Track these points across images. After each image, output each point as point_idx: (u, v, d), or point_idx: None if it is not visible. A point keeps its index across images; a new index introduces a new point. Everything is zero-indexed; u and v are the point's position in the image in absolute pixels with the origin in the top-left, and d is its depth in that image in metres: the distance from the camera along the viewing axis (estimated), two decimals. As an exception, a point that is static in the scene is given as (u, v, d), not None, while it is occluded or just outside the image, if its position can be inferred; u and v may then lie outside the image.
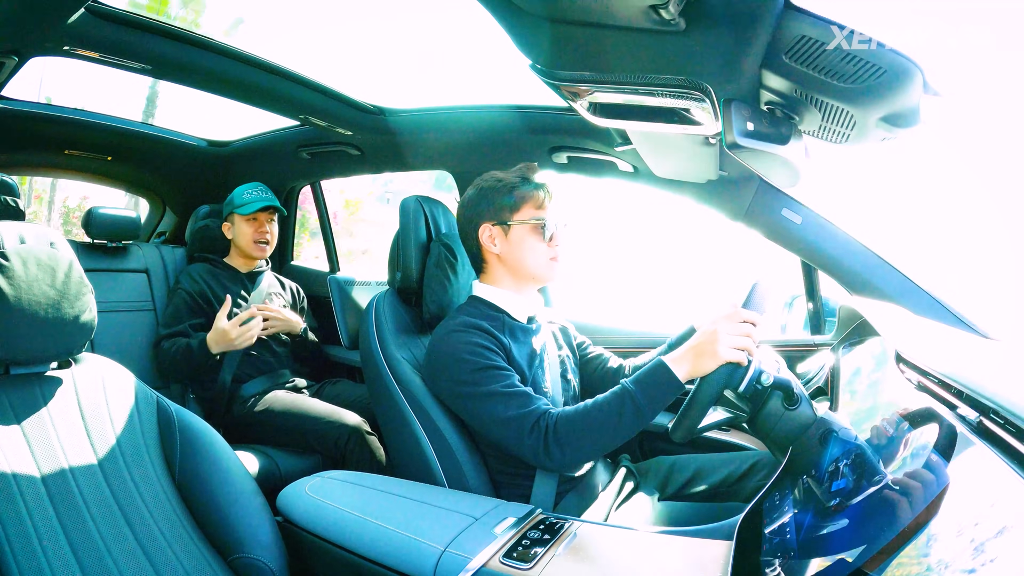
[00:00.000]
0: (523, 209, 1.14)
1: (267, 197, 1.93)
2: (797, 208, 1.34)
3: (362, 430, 1.60)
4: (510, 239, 1.15)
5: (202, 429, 1.06)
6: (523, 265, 1.15)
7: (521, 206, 1.14)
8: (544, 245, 1.15)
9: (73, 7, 1.13)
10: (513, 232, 1.14)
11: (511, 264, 1.16)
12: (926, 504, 0.51)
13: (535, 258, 1.15)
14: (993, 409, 0.53)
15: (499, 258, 1.17)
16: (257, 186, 1.96)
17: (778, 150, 0.93)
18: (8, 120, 1.81)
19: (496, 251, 1.16)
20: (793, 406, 0.90)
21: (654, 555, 0.81)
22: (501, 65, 7.48)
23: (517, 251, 1.15)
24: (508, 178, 1.16)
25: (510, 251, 1.15)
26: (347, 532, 0.92)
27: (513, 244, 1.15)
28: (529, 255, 1.14)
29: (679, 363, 0.93)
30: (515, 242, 1.15)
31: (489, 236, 1.16)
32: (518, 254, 1.15)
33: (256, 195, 1.92)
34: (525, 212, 1.14)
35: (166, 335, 1.75)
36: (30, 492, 0.86)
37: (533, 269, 1.15)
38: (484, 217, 1.16)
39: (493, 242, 1.16)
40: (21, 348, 0.91)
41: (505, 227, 1.15)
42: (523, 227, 1.14)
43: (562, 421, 0.97)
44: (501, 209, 1.15)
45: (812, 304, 1.62)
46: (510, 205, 1.15)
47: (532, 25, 0.83)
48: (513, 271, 1.17)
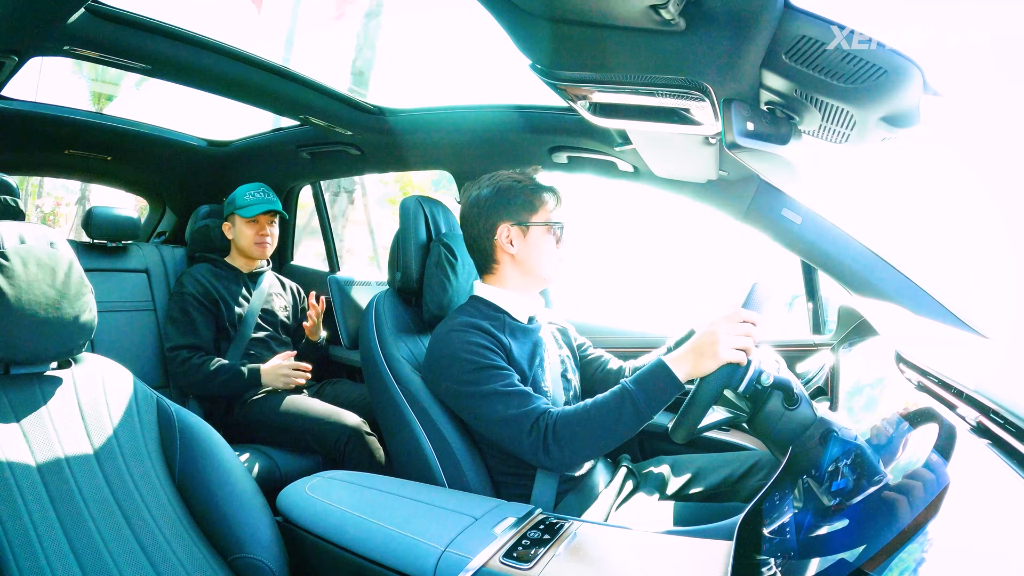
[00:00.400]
0: (541, 211, 1.15)
1: (269, 200, 1.93)
2: (797, 208, 1.34)
3: (361, 431, 1.60)
4: (528, 240, 1.15)
5: (202, 429, 1.06)
6: (536, 266, 1.16)
7: (539, 208, 1.15)
8: (556, 248, 1.16)
9: (73, 7, 1.13)
10: (531, 233, 1.14)
11: (525, 265, 1.16)
12: (926, 504, 0.51)
13: (548, 260, 1.16)
14: (993, 409, 0.53)
15: (513, 258, 1.17)
16: (259, 187, 1.95)
17: (778, 150, 0.93)
18: (8, 120, 1.81)
19: (512, 251, 1.16)
20: (793, 406, 0.90)
21: (654, 555, 0.81)
22: (501, 65, 7.50)
23: (534, 252, 1.15)
24: (524, 179, 1.16)
25: (527, 252, 1.15)
26: (347, 532, 0.92)
27: (530, 245, 1.15)
28: (543, 257, 1.15)
29: (679, 363, 0.93)
30: (532, 244, 1.15)
31: (507, 236, 1.15)
32: (534, 255, 1.15)
33: (258, 197, 1.92)
34: (542, 214, 1.15)
35: (187, 345, 1.73)
36: (30, 492, 0.86)
37: (545, 271, 1.16)
38: (503, 217, 1.15)
39: (511, 243, 1.15)
40: (21, 348, 0.91)
41: (524, 228, 1.14)
42: (540, 229, 1.14)
43: (561, 421, 0.97)
44: (520, 210, 1.14)
45: (812, 304, 1.62)
46: (529, 206, 1.15)
47: (532, 25, 0.83)
48: (525, 272, 1.17)
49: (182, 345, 1.73)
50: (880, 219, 1.38)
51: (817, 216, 1.33)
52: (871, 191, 1.36)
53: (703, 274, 6.59)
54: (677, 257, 7.73)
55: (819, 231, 1.32)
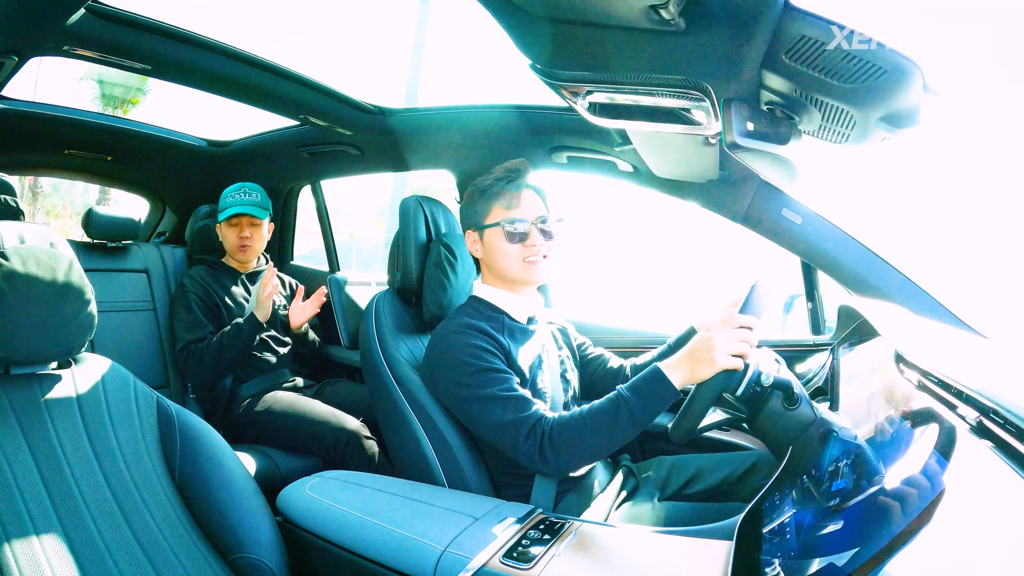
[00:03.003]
0: (492, 212, 1.13)
1: (244, 201, 1.87)
2: (797, 208, 1.34)
3: (360, 435, 1.60)
4: (485, 243, 1.15)
5: (202, 429, 1.06)
6: (499, 268, 1.14)
7: (491, 209, 1.13)
8: (516, 246, 1.11)
9: (73, 7, 1.13)
10: (486, 236, 1.14)
11: (492, 268, 1.16)
12: (926, 504, 0.51)
13: (507, 261, 1.12)
14: (993, 409, 0.53)
15: (483, 262, 1.18)
16: (243, 187, 1.91)
17: (778, 150, 0.93)
18: (8, 120, 1.81)
19: (480, 256, 1.18)
20: (793, 406, 0.90)
21: (654, 555, 0.81)
22: (501, 65, 7.51)
23: (492, 254, 1.14)
24: (484, 181, 1.16)
25: (488, 256, 1.15)
26: (347, 532, 0.92)
27: (487, 248, 1.15)
28: (500, 258, 1.13)
29: (675, 370, 0.93)
30: (488, 246, 1.14)
31: (472, 242, 1.17)
32: (493, 257, 1.14)
33: (237, 199, 1.87)
34: (495, 214, 1.13)
35: (194, 340, 1.73)
36: (30, 492, 0.86)
37: (507, 272, 1.13)
38: (468, 223, 1.17)
39: (476, 248, 1.17)
40: (21, 347, 0.91)
41: (480, 232, 1.15)
42: (493, 230, 1.13)
43: (557, 428, 0.97)
44: (476, 214, 1.15)
45: (812, 304, 1.62)
46: (482, 209, 1.14)
47: (532, 25, 0.83)
48: (496, 274, 1.17)
49: (192, 341, 1.73)
50: (880, 219, 1.38)
51: (817, 216, 1.33)
52: (871, 191, 1.36)
53: (703, 274, 6.59)
54: (677, 257, 7.72)
55: (819, 231, 1.32)
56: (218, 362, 1.70)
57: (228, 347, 1.70)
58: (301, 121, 1.85)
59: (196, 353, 1.70)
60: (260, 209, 1.89)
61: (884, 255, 1.27)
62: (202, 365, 1.70)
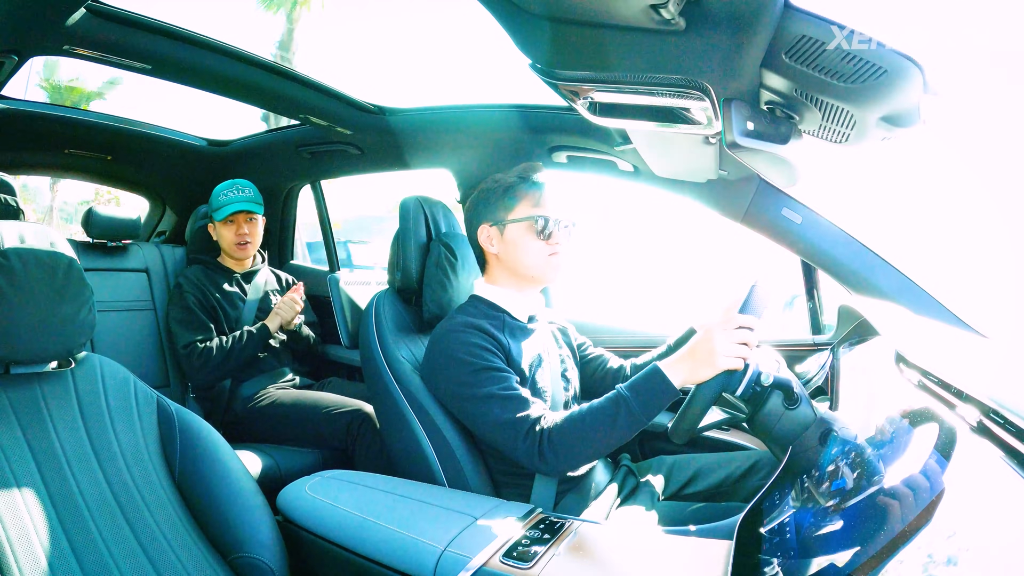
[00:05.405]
0: (518, 208, 1.14)
1: (240, 198, 1.86)
2: (797, 208, 1.34)
3: (372, 416, 1.59)
4: (506, 238, 1.15)
5: (202, 428, 1.06)
6: (520, 264, 1.14)
7: (516, 205, 1.14)
8: (541, 243, 1.13)
9: (73, 7, 1.13)
10: (508, 231, 1.14)
11: (509, 264, 1.16)
12: (926, 504, 0.51)
13: (531, 256, 1.13)
14: (993, 409, 0.53)
15: (497, 258, 1.17)
16: (234, 185, 1.90)
17: (778, 150, 0.93)
18: (8, 120, 1.81)
19: (494, 251, 1.17)
20: (793, 406, 0.90)
21: (654, 555, 0.81)
22: (501, 65, 7.42)
23: (513, 250, 1.14)
24: (505, 178, 1.17)
25: (507, 251, 1.15)
26: (347, 531, 0.92)
27: (508, 243, 1.14)
28: (525, 254, 1.13)
29: (675, 369, 0.93)
30: (510, 241, 1.14)
31: (487, 237, 1.16)
32: (514, 253, 1.14)
33: (231, 196, 1.87)
34: (520, 210, 1.14)
35: (197, 339, 1.73)
36: (30, 492, 0.86)
37: (530, 268, 1.14)
38: (482, 218, 1.17)
39: (491, 243, 1.16)
40: (21, 347, 0.91)
41: (501, 227, 1.15)
42: (518, 225, 1.13)
43: (557, 427, 0.97)
44: (497, 209, 1.15)
45: (812, 304, 1.62)
46: (505, 204, 1.14)
47: (532, 25, 0.83)
48: (512, 271, 1.17)
49: (193, 340, 1.73)
50: (880, 219, 1.38)
51: (817, 216, 1.33)
52: (871, 191, 1.36)
53: (703, 273, 6.59)
54: (677, 257, 7.72)
55: (819, 231, 1.32)
56: (224, 364, 1.71)
57: (237, 352, 1.72)
58: (301, 121, 1.85)
59: (201, 352, 1.70)
60: (256, 204, 1.90)
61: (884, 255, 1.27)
62: (206, 365, 1.70)
